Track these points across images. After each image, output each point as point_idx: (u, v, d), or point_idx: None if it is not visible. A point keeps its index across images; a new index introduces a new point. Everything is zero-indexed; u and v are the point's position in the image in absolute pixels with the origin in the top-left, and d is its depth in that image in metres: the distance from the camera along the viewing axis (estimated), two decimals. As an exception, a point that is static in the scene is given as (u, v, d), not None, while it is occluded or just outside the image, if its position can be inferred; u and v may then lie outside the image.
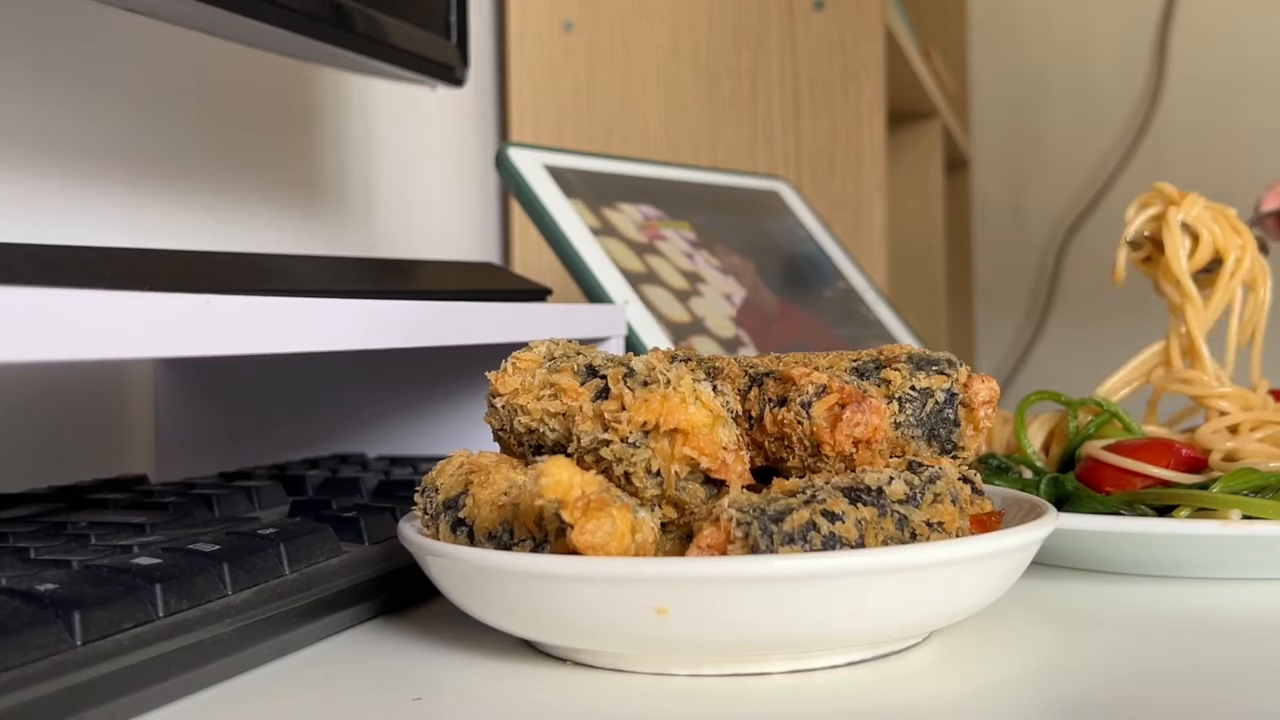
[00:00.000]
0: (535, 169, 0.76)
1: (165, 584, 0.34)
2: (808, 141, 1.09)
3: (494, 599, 0.35)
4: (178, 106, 0.79)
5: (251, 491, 0.51)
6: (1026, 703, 0.34)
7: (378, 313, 0.45)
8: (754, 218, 0.92)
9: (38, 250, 0.42)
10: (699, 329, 0.77)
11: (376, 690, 0.35)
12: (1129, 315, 1.91)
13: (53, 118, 0.70)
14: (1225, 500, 0.46)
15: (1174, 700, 0.33)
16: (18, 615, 0.30)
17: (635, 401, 0.36)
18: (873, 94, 1.08)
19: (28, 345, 0.31)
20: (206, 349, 0.37)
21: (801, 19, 1.09)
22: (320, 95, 0.94)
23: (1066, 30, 1.96)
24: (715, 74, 1.11)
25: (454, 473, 0.38)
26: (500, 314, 0.53)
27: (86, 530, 0.43)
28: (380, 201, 1.01)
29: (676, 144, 1.12)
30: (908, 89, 1.34)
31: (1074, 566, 0.49)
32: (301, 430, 0.70)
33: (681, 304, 0.77)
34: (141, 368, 0.74)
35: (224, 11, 0.57)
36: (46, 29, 0.69)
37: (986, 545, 0.35)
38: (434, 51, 0.72)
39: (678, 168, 0.90)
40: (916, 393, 0.40)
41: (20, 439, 0.67)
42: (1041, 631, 0.41)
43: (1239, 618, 0.42)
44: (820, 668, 0.35)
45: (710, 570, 0.32)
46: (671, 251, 0.81)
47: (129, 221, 0.75)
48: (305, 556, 0.40)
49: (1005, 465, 0.55)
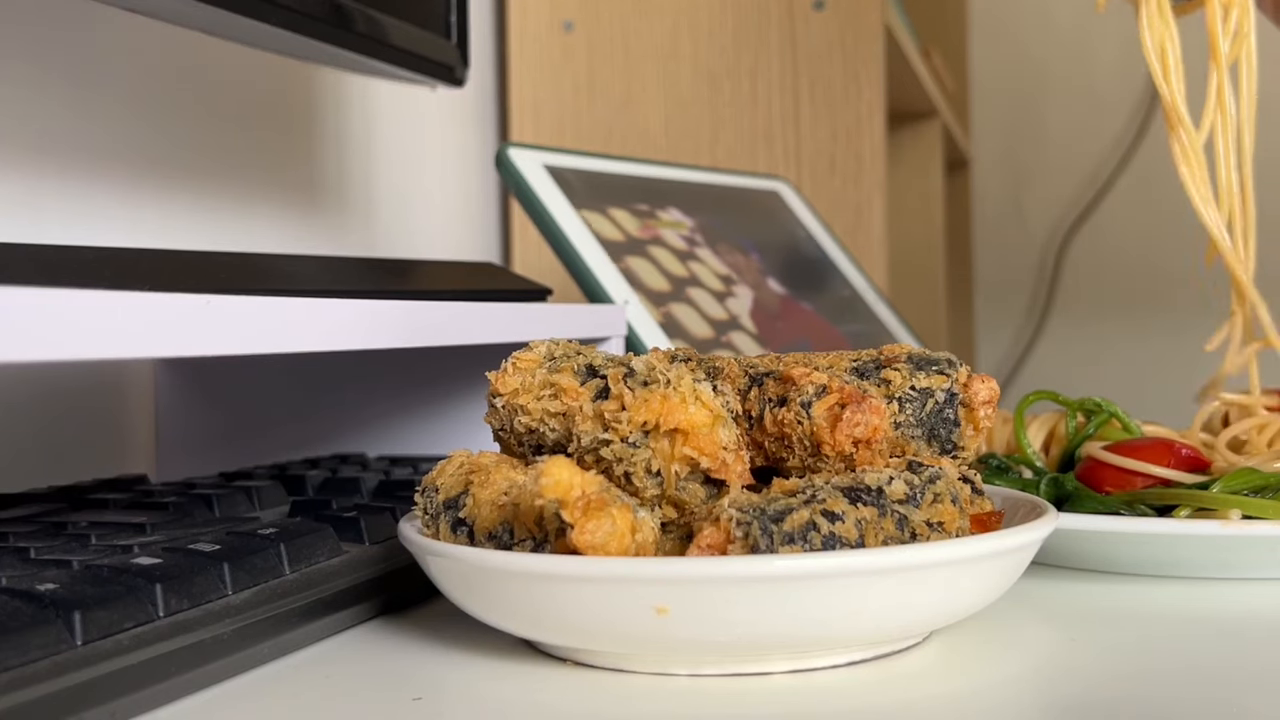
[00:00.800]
0: (535, 169, 0.76)
1: (165, 584, 0.34)
2: (808, 141, 1.09)
3: (494, 599, 0.35)
4: (178, 106, 0.79)
5: (251, 491, 0.51)
6: (1026, 703, 0.34)
7: (378, 313, 0.45)
8: (754, 217, 0.92)
9: (38, 250, 0.42)
10: (735, 326, 0.78)
11: (376, 690, 0.35)
12: (1129, 315, 1.92)
13: (53, 118, 0.70)
14: (1225, 500, 0.46)
15: (1174, 700, 0.33)
16: (18, 615, 0.30)
17: (635, 401, 0.36)
18: (873, 94, 1.08)
19: (28, 345, 0.31)
20: (206, 349, 0.37)
21: (801, 19, 1.09)
22: (320, 95, 0.94)
23: (1067, 30, 1.96)
24: (715, 74, 1.11)
25: (454, 473, 0.38)
26: (500, 314, 0.53)
27: (86, 530, 0.43)
28: (380, 201, 1.01)
29: (676, 144, 1.12)
30: (908, 89, 1.34)
31: (1074, 566, 0.49)
32: (301, 430, 0.70)
33: (719, 303, 0.78)
34: (141, 368, 0.74)
35: (224, 11, 0.57)
36: (46, 29, 0.69)
37: (986, 545, 0.35)
38: (434, 51, 0.72)
39: (678, 168, 0.90)
40: (916, 393, 0.40)
41: (20, 439, 0.67)
42: (1041, 631, 0.41)
43: (1239, 618, 0.42)
44: (821, 668, 0.36)
45: (710, 570, 0.32)
46: (705, 255, 0.83)
47: (129, 221, 0.75)
48: (305, 556, 0.40)
49: (1005, 465, 0.55)
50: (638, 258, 0.77)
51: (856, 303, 0.94)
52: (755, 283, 0.85)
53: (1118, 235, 1.93)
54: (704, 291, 0.79)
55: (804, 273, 0.92)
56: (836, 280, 0.94)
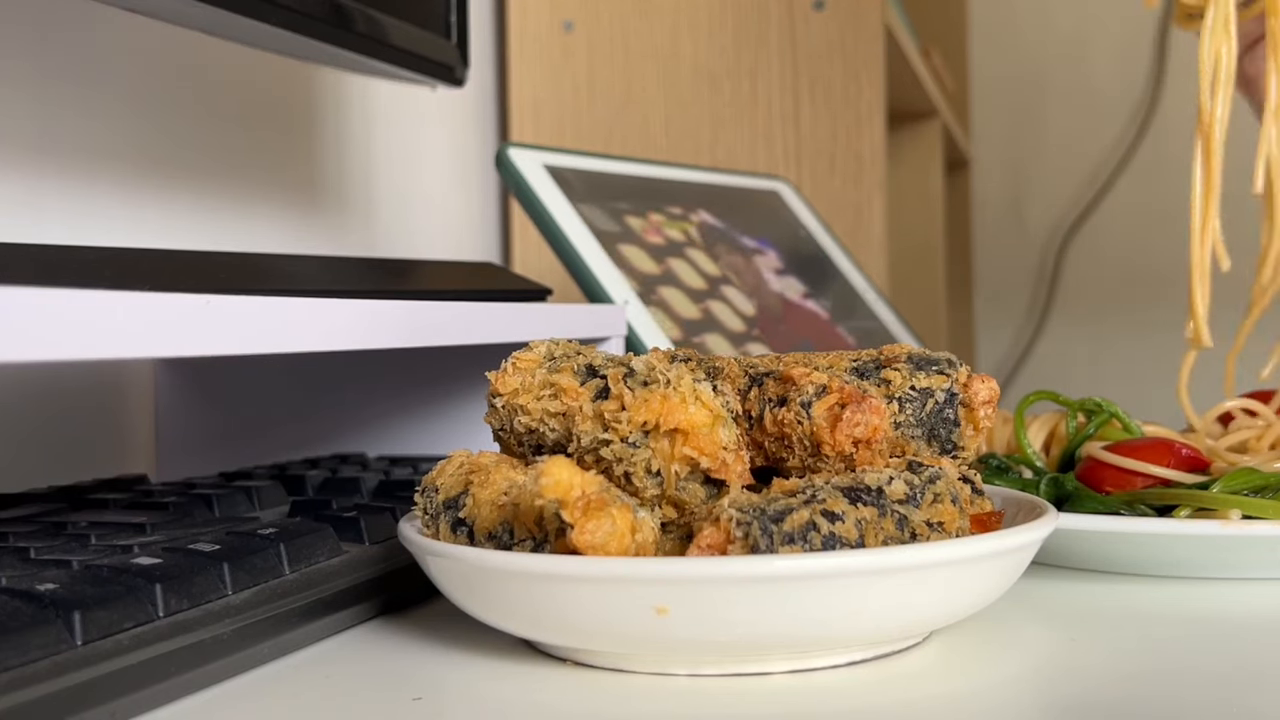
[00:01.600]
0: (535, 169, 0.76)
1: (165, 584, 0.34)
2: (808, 141, 1.09)
3: (494, 599, 0.35)
4: (178, 106, 0.79)
5: (251, 491, 0.51)
6: (1026, 703, 0.34)
7: (378, 313, 0.45)
8: (754, 217, 0.92)
9: (38, 250, 0.42)
10: (711, 328, 0.77)
11: (376, 690, 0.35)
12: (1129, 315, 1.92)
13: (53, 117, 0.70)
14: (1225, 500, 0.46)
15: (1174, 700, 0.33)
16: (18, 615, 0.30)
17: (635, 401, 0.36)
18: (873, 94, 1.08)
19: (28, 345, 0.31)
20: (206, 349, 0.37)
21: (801, 19, 1.09)
22: (320, 95, 0.94)
23: (1066, 30, 1.96)
24: (715, 74, 1.11)
25: (454, 473, 0.38)
26: (500, 314, 0.53)
27: (86, 530, 0.43)
28: (380, 201, 1.01)
29: (676, 144, 1.12)
30: (908, 89, 1.34)
31: (1074, 566, 0.49)
32: (301, 430, 0.70)
33: (694, 303, 0.78)
34: (141, 368, 0.74)
35: (224, 11, 0.57)
36: (46, 28, 0.69)
37: (986, 545, 0.35)
38: (434, 51, 0.72)
39: (678, 168, 0.90)
40: (916, 393, 0.40)
41: (20, 439, 0.67)
42: (1041, 631, 0.41)
43: (1239, 618, 0.42)
44: (820, 668, 0.36)
45: (710, 570, 0.32)
46: (692, 254, 0.82)
47: (130, 221, 0.75)
48: (305, 556, 0.40)
49: (1005, 465, 0.55)
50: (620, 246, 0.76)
51: (856, 302, 0.94)
52: (754, 286, 0.85)
53: (1118, 235, 1.93)
54: (678, 291, 0.78)
55: (805, 271, 0.92)
56: (837, 280, 0.94)
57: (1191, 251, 0.60)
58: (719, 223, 0.88)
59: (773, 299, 0.85)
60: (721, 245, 0.86)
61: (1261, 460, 0.50)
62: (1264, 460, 0.50)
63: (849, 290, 0.94)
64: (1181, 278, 0.62)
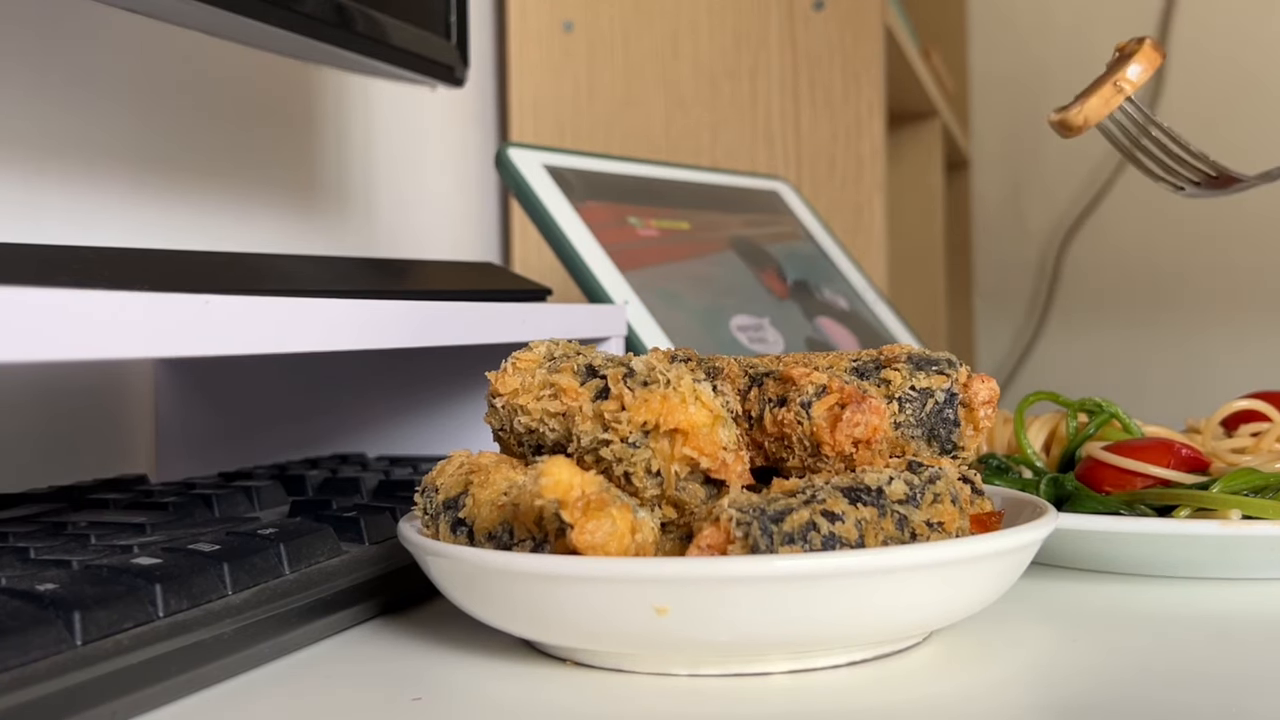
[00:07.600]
0: (535, 169, 0.76)
1: (165, 584, 0.34)
2: (808, 142, 1.09)
3: (494, 599, 0.35)
4: (178, 106, 0.79)
5: (251, 491, 0.51)
6: (1026, 703, 0.34)
7: (377, 313, 0.45)
8: (754, 217, 0.92)
9: (38, 250, 0.42)
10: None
11: (376, 690, 0.35)
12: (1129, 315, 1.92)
13: (53, 118, 0.70)
14: (1225, 500, 0.46)
15: (1174, 700, 0.33)
16: (18, 615, 0.30)
17: (635, 401, 0.36)
18: (873, 94, 1.08)
19: (28, 345, 0.31)
20: (206, 349, 0.37)
21: (801, 19, 1.09)
22: (320, 95, 0.94)
23: (1066, 30, 1.96)
24: (715, 74, 1.11)
25: (454, 473, 0.38)
26: (500, 314, 0.53)
27: (86, 530, 0.43)
28: (380, 201, 1.01)
29: (676, 144, 1.12)
30: (908, 89, 1.34)
31: (1074, 566, 0.49)
32: (301, 430, 0.70)
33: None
34: (141, 368, 0.74)
35: (224, 11, 0.57)
36: (46, 29, 0.69)
37: (986, 545, 0.35)
38: (434, 51, 0.72)
39: (678, 168, 0.90)
40: (916, 393, 0.40)
41: (20, 439, 0.67)
42: (1041, 631, 0.41)
43: (1239, 618, 0.42)
44: (820, 668, 0.36)
45: (710, 570, 0.32)
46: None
47: (130, 221, 0.75)
48: (305, 556, 0.40)
49: (1005, 465, 0.55)
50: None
51: (857, 301, 0.94)
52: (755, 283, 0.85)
53: (1118, 235, 1.93)
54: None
55: (805, 271, 0.92)
56: (837, 279, 0.94)
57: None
58: (701, 226, 0.88)
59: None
60: (712, 252, 0.86)
61: (1261, 460, 0.50)
62: (1264, 460, 0.50)
63: (849, 290, 0.94)
64: (1182, 278, 0.62)
